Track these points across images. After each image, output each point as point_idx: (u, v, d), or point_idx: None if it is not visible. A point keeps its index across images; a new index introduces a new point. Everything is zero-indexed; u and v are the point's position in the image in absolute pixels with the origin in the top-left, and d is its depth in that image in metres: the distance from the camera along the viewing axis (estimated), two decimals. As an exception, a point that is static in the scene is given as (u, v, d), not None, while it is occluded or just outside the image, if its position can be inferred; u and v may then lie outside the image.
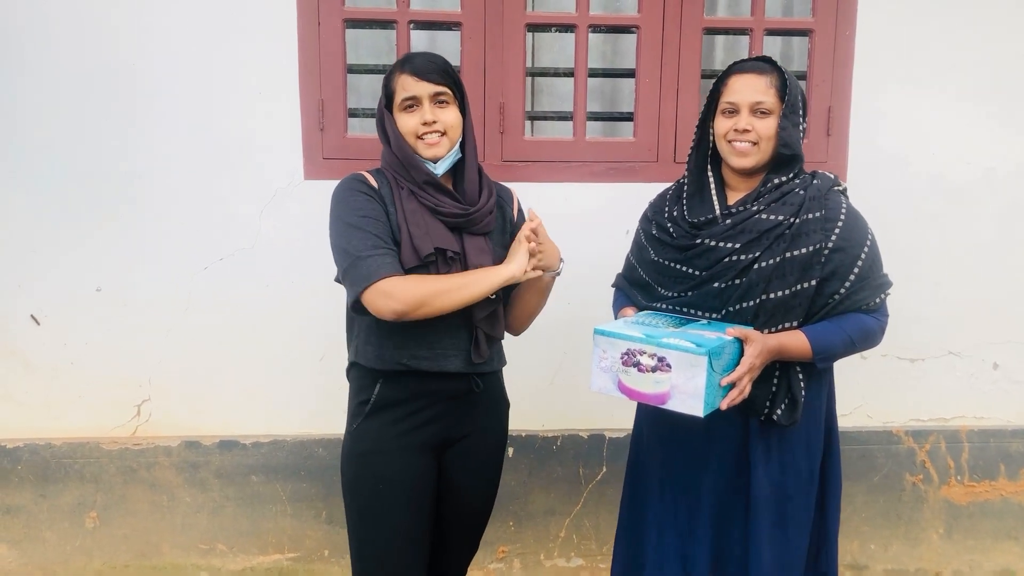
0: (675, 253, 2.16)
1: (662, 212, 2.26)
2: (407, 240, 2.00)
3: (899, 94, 3.12)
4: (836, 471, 2.28)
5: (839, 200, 2.11)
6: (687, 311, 2.14)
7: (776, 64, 2.10)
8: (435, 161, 2.05)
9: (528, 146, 3.10)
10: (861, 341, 2.09)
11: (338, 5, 2.95)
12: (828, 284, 2.05)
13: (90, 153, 2.98)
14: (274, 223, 3.04)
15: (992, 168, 3.18)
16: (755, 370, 1.97)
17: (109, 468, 3.15)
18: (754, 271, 2.03)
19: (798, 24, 3.18)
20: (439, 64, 2.04)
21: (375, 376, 2.10)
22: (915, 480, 3.36)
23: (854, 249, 2.06)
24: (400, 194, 2.05)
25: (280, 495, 3.20)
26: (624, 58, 3.60)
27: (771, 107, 2.06)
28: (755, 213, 2.07)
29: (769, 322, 2.05)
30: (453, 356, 2.10)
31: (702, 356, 1.84)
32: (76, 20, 2.90)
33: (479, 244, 2.08)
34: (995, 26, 3.10)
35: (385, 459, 2.09)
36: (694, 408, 1.88)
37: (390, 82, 2.06)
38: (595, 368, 2.02)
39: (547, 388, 3.21)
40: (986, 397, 3.34)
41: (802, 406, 2.10)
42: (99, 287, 3.06)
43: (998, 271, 3.25)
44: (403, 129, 2.04)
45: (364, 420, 2.11)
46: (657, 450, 2.30)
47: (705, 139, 2.20)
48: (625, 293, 2.38)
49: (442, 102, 2.04)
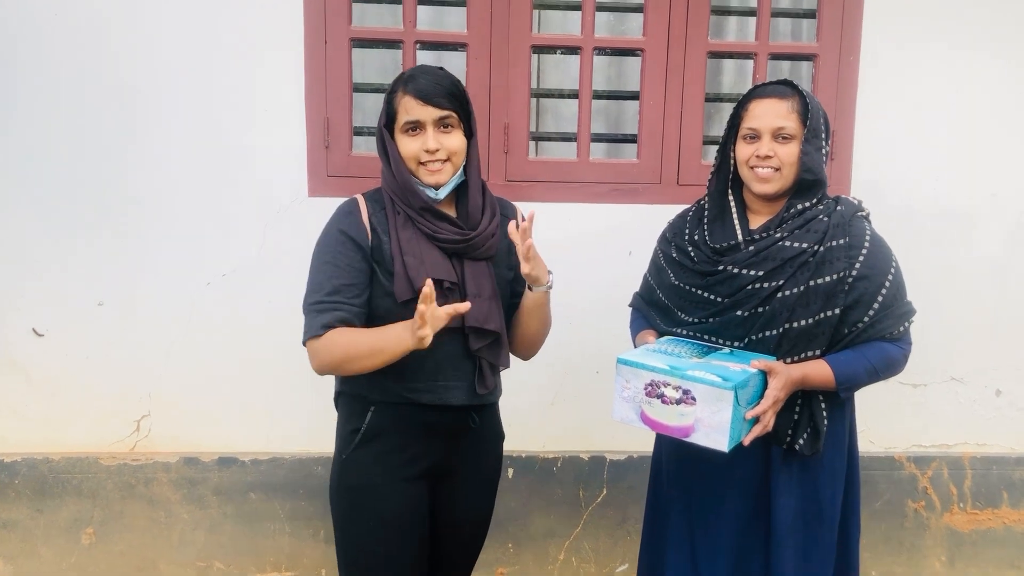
0: (696, 278, 2.14)
1: (682, 235, 2.23)
2: (401, 272, 1.93)
3: (902, 119, 3.13)
4: (856, 501, 2.25)
5: (863, 227, 2.08)
6: (708, 338, 2.11)
7: (798, 87, 2.07)
8: (437, 188, 1.96)
9: (532, 166, 3.10)
10: (884, 370, 2.07)
11: (345, 24, 2.97)
12: (852, 312, 2.03)
13: (93, 167, 2.98)
14: (278, 240, 3.04)
15: (995, 193, 3.19)
16: (779, 403, 1.95)
17: (107, 484, 3.13)
18: (777, 299, 2.01)
19: (802, 49, 3.19)
20: (445, 86, 1.93)
21: (367, 403, 2.03)
22: (917, 507, 3.34)
23: (878, 277, 2.04)
24: (396, 221, 1.97)
25: (278, 513, 3.18)
26: (628, 80, 3.62)
27: (793, 132, 2.03)
28: (779, 240, 2.04)
29: (792, 351, 2.03)
30: (456, 388, 2.02)
31: (728, 390, 1.81)
32: (81, 36, 2.92)
33: (480, 270, 2.00)
34: (998, 51, 3.12)
35: (376, 494, 2.03)
36: (719, 443, 1.85)
37: (392, 101, 1.95)
38: (617, 397, 1.98)
39: (548, 409, 3.19)
40: (989, 423, 3.32)
41: (824, 435, 2.07)
42: (101, 301, 3.06)
43: (1001, 296, 3.24)
44: (404, 153, 1.94)
45: (354, 450, 2.04)
46: (677, 478, 2.26)
47: (726, 163, 2.17)
48: (643, 314, 2.35)
49: (447, 126, 1.94)
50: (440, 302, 1.85)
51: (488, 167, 3.05)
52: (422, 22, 3.13)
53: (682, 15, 3.04)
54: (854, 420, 2.24)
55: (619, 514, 3.25)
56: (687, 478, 2.22)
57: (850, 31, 3.08)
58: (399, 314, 1.93)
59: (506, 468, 3.16)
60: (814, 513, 2.13)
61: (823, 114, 2.08)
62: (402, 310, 1.92)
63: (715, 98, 3.40)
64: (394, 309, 1.95)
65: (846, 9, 3.08)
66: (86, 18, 2.91)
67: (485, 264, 2.02)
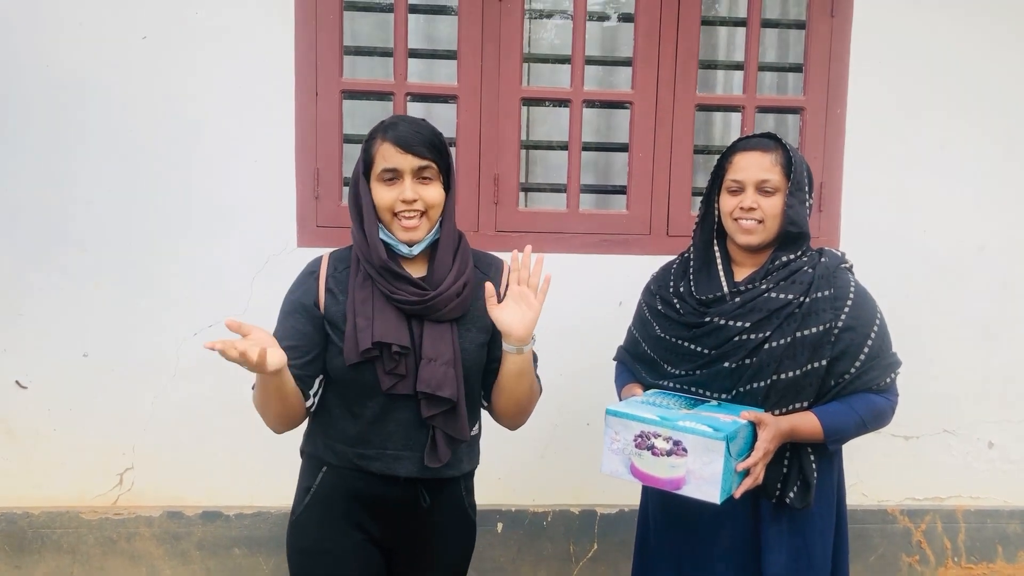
0: (683, 330, 2.13)
1: (667, 287, 2.23)
2: (350, 334, 1.84)
3: (890, 171, 3.16)
4: (845, 554, 2.23)
5: (847, 278, 2.09)
6: (695, 391, 2.10)
7: (781, 141, 2.09)
8: (410, 245, 1.87)
9: (522, 217, 3.11)
10: (872, 421, 2.06)
11: (336, 76, 2.99)
12: (838, 364, 2.02)
13: (79, 217, 2.97)
14: (266, 290, 3.02)
15: (983, 246, 3.20)
16: (769, 455, 1.93)
17: (88, 538, 3.07)
18: (764, 351, 2.00)
19: (789, 102, 3.23)
20: (426, 136, 1.84)
21: (320, 464, 1.96)
22: (912, 561, 3.30)
23: (864, 328, 2.04)
24: (356, 281, 1.88)
25: (263, 568, 3.12)
26: (618, 132, 3.65)
27: (776, 185, 2.04)
28: (764, 291, 2.04)
29: (780, 403, 2.02)
30: (406, 459, 1.90)
31: (720, 441, 1.79)
32: (65, 82, 2.93)
33: (440, 333, 1.87)
34: (985, 105, 3.16)
35: (322, 560, 1.94)
36: (710, 495, 1.83)
37: (370, 148, 1.86)
38: (606, 450, 1.95)
39: (537, 462, 3.15)
40: (982, 477, 3.30)
41: (814, 488, 2.06)
42: (86, 352, 3.03)
43: (992, 348, 3.25)
44: (379, 203, 1.85)
45: (304, 511, 1.97)
46: (665, 533, 2.23)
47: (710, 214, 2.18)
48: (628, 368, 2.34)
49: (426, 178, 1.84)
50: (390, 366, 1.83)
51: (478, 218, 3.06)
52: (412, 74, 3.16)
53: (670, 68, 3.08)
54: (842, 473, 2.22)
55: (610, 570, 3.19)
56: (675, 534, 2.19)
57: (836, 84, 3.12)
58: (352, 376, 1.87)
59: (495, 522, 3.12)
60: (804, 567, 2.10)
61: (806, 167, 2.11)
62: (353, 373, 1.86)
63: (704, 150, 3.43)
64: (345, 371, 1.87)
65: (832, 63, 3.12)
66: (70, 66, 2.93)
67: (448, 327, 1.89)
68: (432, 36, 3.48)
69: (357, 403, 1.90)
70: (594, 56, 3.47)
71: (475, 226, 3.05)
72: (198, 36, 2.95)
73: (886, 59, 3.12)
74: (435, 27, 3.48)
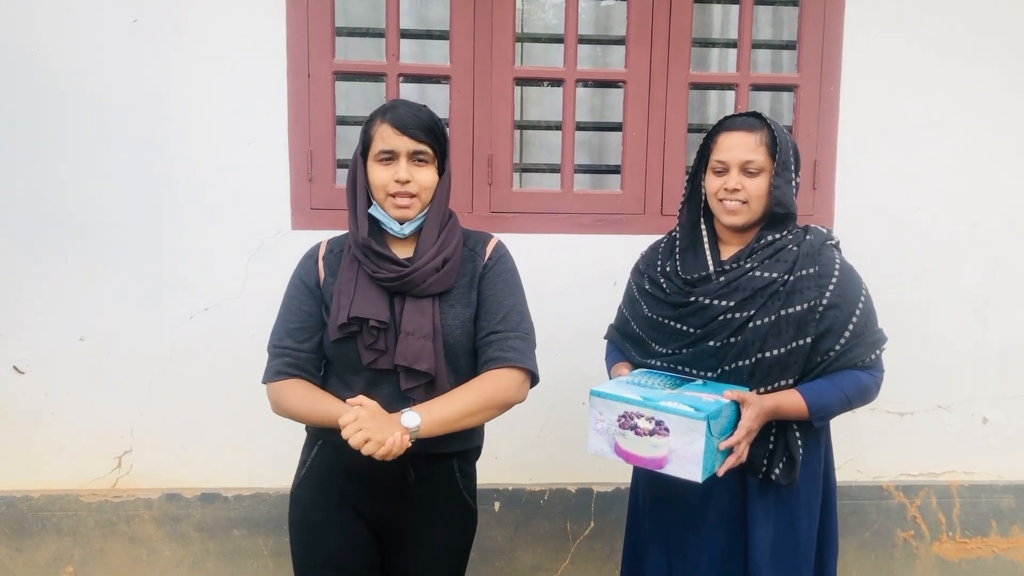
0: (669, 310, 2.14)
1: (655, 266, 2.24)
2: (333, 312, 1.93)
3: (884, 149, 3.16)
4: (833, 529, 2.24)
5: (832, 255, 2.09)
6: (682, 369, 2.11)
7: (766, 120, 2.07)
8: (401, 223, 1.94)
9: (516, 198, 3.11)
10: (857, 398, 2.06)
11: (328, 58, 2.98)
12: (823, 341, 2.03)
13: (74, 202, 2.97)
14: (261, 273, 3.03)
15: (976, 223, 3.21)
16: (752, 434, 1.94)
17: (88, 521, 3.09)
18: (749, 329, 2.01)
19: (783, 80, 3.21)
20: (424, 120, 1.91)
21: (316, 438, 2.06)
22: (906, 536, 3.32)
23: (849, 305, 2.04)
24: (344, 262, 1.97)
25: (262, 549, 3.14)
26: (612, 111, 3.64)
27: (761, 165, 2.04)
28: (749, 270, 2.05)
29: (765, 380, 2.03)
30: None
31: (701, 421, 1.80)
32: (57, 67, 2.92)
33: (420, 308, 1.91)
34: (978, 81, 3.15)
35: (313, 531, 2.02)
36: (692, 474, 1.84)
37: (369, 129, 1.94)
38: (591, 430, 1.97)
39: (534, 441, 3.17)
40: (976, 452, 3.32)
41: (800, 465, 2.07)
42: (82, 336, 3.03)
43: (985, 324, 3.25)
44: (374, 182, 1.93)
45: (300, 483, 2.08)
46: (653, 510, 2.25)
47: (697, 193, 2.18)
48: (618, 347, 2.35)
49: (421, 161, 1.92)
50: (369, 341, 1.90)
51: (472, 199, 3.06)
52: (405, 55, 3.15)
53: (663, 47, 3.07)
54: (830, 449, 2.23)
55: (607, 547, 3.21)
56: (664, 511, 2.21)
57: (830, 62, 3.11)
58: (339, 352, 1.96)
59: (492, 501, 3.14)
60: (791, 543, 2.11)
61: (793, 146, 2.10)
62: (339, 349, 1.95)
63: (698, 129, 3.41)
64: (332, 348, 1.96)
65: (826, 40, 3.11)
66: (69, 56, 2.92)
67: (429, 302, 1.93)
68: (425, 16, 3.47)
69: (347, 379, 1.98)
70: (587, 35, 3.46)
71: (469, 207, 3.05)
72: (189, 19, 2.93)
73: (880, 37, 3.11)
74: (427, 7, 3.47)
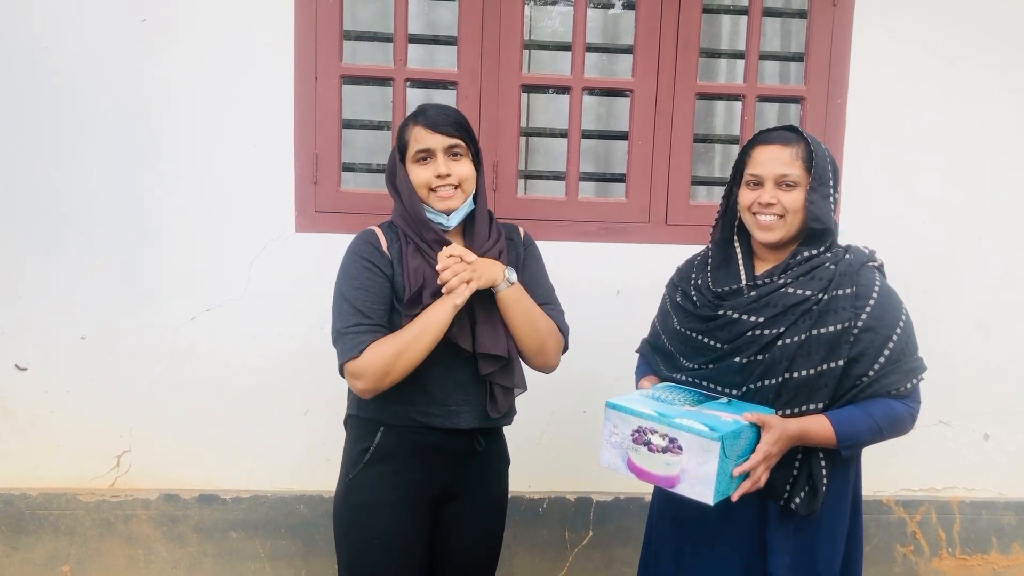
0: (698, 323, 2.07)
1: (688, 279, 2.18)
2: (411, 297, 2.00)
3: (890, 163, 3.15)
4: (858, 557, 2.14)
5: (872, 277, 2.00)
6: (707, 385, 2.03)
7: (803, 133, 2.02)
8: (448, 213, 2.04)
9: (521, 204, 3.11)
10: (889, 428, 1.95)
11: (335, 62, 2.98)
12: (856, 365, 1.92)
13: (78, 201, 2.97)
14: (264, 275, 3.02)
15: (981, 238, 3.20)
16: (772, 459, 1.85)
17: (85, 520, 3.08)
18: (777, 347, 1.92)
19: (790, 92, 3.21)
20: (453, 116, 2.04)
21: (376, 425, 2.09)
22: (906, 551, 3.31)
23: (885, 330, 1.94)
24: (407, 251, 2.04)
25: (259, 552, 3.13)
26: (618, 120, 3.64)
27: (797, 179, 1.97)
28: (781, 286, 1.97)
29: (792, 403, 1.93)
30: (466, 412, 2.07)
31: (715, 441, 1.74)
32: (64, 65, 2.92)
33: (486, 294, 2.03)
34: (987, 97, 3.15)
35: (379, 513, 2.07)
36: (703, 495, 1.78)
37: (404, 134, 2.05)
38: (604, 442, 1.93)
39: (534, 448, 3.16)
40: (977, 468, 3.31)
41: (823, 495, 1.97)
42: (84, 335, 3.03)
43: (989, 340, 3.24)
44: (416, 181, 2.02)
45: (362, 469, 2.09)
46: (670, 530, 2.17)
47: (731, 211, 2.13)
48: (647, 361, 2.29)
49: (456, 155, 2.03)
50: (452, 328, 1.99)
51: (476, 205, 3.06)
52: (412, 60, 3.15)
53: (671, 57, 3.07)
54: (859, 479, 2.13)
55: (605, 556, 3.20)
56: (679, 527, 2.13)
57: (837, 74, 3.11)
58: None
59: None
60: (811, 573, 2.02)
61: (830, 160, 2.03)
62: None
63: (704, 139, 3.43)
64: None
65: (834, 52, 3.11)
66: (78, 51, 2.92)
67: (490, 289, 2.04)
68: (432, 21, 3.48)
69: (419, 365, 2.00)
70: (595, 43, 3.46)
71: (474, 213, 3.06)
72: (197, 20, 2.94)
73: (887, 49, 3.11)
74: (435, 12, 3.48)
